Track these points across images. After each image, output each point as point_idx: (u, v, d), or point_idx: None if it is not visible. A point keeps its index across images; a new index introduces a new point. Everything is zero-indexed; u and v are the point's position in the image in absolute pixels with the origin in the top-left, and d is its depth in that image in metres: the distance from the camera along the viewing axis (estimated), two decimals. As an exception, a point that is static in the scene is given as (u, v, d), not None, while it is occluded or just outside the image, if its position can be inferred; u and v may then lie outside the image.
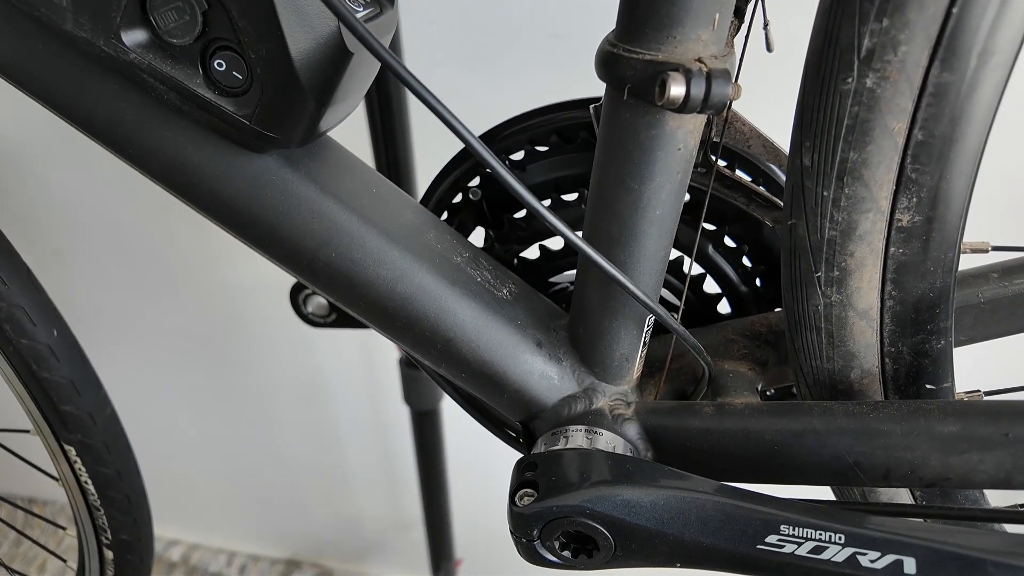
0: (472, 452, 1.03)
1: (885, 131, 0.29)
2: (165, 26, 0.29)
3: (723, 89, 0.26)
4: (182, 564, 1.37)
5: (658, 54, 0.27)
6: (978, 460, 0.32)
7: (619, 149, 0.30)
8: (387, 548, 1.34)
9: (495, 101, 0.64)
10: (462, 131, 0.26)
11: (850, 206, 0.31)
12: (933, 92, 0.28)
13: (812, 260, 0.33)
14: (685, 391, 0.41)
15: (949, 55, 0.27)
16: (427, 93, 0.25)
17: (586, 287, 0.36)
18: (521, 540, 0.34)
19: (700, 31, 0.27)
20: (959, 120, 0.29)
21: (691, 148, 0.30)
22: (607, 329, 0.36)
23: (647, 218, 0.32)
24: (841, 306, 0.34)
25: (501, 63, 0.76)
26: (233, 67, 0.30)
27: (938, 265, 0.32)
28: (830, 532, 0.29)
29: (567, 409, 0.38)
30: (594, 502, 0.31)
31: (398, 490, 1.25)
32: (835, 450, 0.33)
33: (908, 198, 0.31)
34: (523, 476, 0.34)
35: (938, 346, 0.34)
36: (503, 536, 0.35)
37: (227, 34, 0.29)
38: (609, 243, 0.33)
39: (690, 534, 0.31)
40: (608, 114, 0.30)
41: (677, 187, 0.31)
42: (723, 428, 0.35)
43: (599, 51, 0.29)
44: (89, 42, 0.30)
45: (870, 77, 0.28)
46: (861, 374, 0.36)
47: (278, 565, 1.38)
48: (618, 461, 0.34)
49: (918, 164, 0.30)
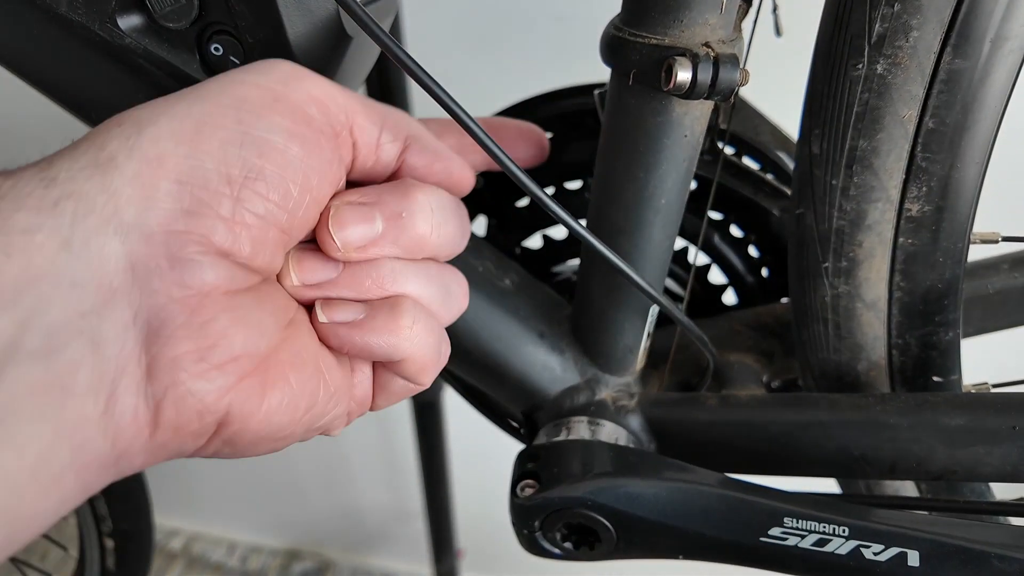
0: (474, 442, 1.03)
1: (895, 118, 0.29)
2: (161, 10, 0.29)
3: (731, 75, 0.26)
4: (183, 554, 1.38)
5: (664, 38, 0.27)
6: (985, 453, 0.31)
7: (624, 136, 0.30)
8: (388, 538, 1.34)
9: (497, 87, 0.63)
10: (463, 117, 0.25)
11: (859, 195, 0.31)
12: (945, 79, 0.28)
13: (820, 250, 0.32)
14: (689, 383, 0.41)
15: (961, 41, 0.27)
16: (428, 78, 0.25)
17: (590, 277, 0.36)
18: (522, 531, 0.33)
19: (708, 15, 0.26)
20: (971, 108, 0.28)
21: (698, 135, 0.30)
22: (611, 320, 0.36)
23: (652, 206, 0.31)
24: (849, 297, 0.33)
25: (504, 47, 0.75)
26: (230, 51, 0.29)
27: (947, 255, 0.32)
28: (834, 525, 0.29)
29: (569, 400, 0.38)
30: (596, 494, 0.31)
31: (400, 480, 1.25)
32: (841, 442, 0.33)
33: (918, 187, 0.30)
34: (525, 467, 0.34)
35: (946, 338, 0.34)
36: (505, 527, 0.35)
37: (224, 18, 0.28)
38: (613, 232, 0.33)
39: (693, 526, 0.31)
40: (613, 100, 0.30)
41: (683, 175, 0.31)
42: (727, 420, 0.35)
43: (604, 35, 0.29)
44: (84, 26, 0.30)
45: (881, 63, 0.28)
46: (868, 366, 0.35)
47: (279, 555, 1.39)
48: (621, 453, 0.34)
49: (928, 152, 0.29)
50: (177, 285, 0.21)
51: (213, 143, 0.22)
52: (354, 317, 0.25)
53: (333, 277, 0.25)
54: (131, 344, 0.20)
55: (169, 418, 0.21)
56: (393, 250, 0.26)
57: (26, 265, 0.19)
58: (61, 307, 0.19)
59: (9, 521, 0.18)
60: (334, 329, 0.25)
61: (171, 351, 0.21)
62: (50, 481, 0.19)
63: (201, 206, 0.21)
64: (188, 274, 0.21)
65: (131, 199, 0.20)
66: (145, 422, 0.21)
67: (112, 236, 0.20)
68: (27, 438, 0.18)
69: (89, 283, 0.20)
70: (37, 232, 0.19)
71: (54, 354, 0.19)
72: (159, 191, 0.21)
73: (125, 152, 0.21)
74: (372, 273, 0.25)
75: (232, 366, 0.22)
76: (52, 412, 0.19)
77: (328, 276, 0.25)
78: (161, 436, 0.21)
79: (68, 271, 0.19)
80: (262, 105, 0.23)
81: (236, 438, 0.23)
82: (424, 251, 0.27)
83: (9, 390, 0.18)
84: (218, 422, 0.22)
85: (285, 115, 0.23)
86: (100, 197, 0.20)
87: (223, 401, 0.22)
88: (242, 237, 0.22)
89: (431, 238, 0.26)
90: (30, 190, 0.20)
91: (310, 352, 0.24)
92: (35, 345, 0.19)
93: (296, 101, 0.23)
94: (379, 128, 0.26)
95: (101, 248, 0.20)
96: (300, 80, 0.24)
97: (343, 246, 0.25)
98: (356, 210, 0.25)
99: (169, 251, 0.21)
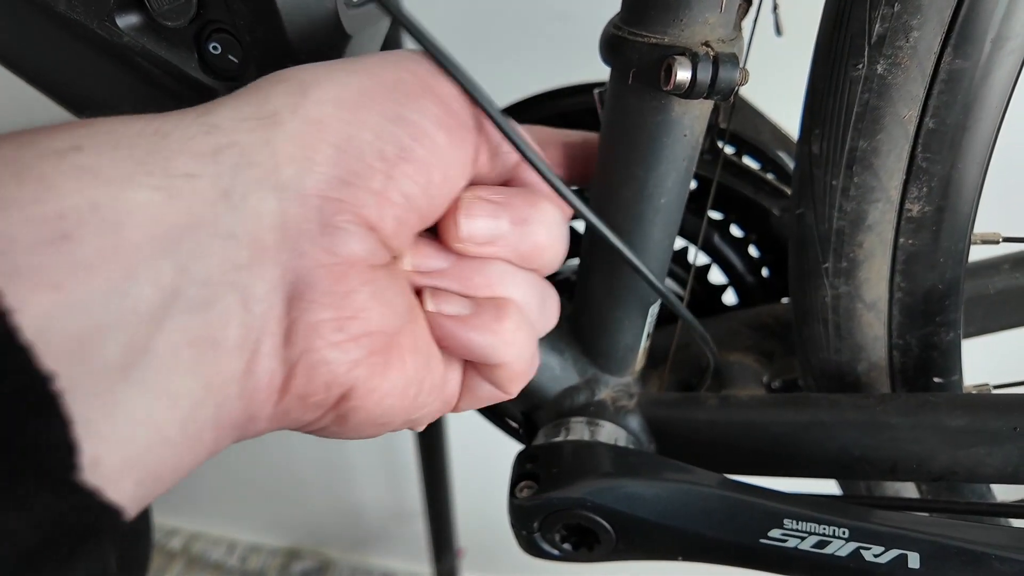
0: (474, 442, 1.03)
1: (896, 119, 0.29)
2: (159, 8, 0.29)
3: (730, 74, 0.26)
4: (182, 553, 1.38)
5: (664, 37, 0.27)
6: (986, 454, 0.31)
7: (624, 135, 0.30)
8: (388, 538, 1.34)
9: (497, 85, 0.63)
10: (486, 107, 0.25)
11: (859, 195, 0.30)
12: (945, 79, 0.28)
13: (820, 250, 0.32)
14: (689, 383, 0.40)
15: (962, 41, 0.27)
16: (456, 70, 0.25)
17: (590, 276, 0.36)
18: (521, 532, 0.33)
19: (707, 14, 0.26)
20: (971, 108, 0.28)
21: (697, 134, 0.30)
22: (610, 319, 0.36)
23: (652, 206, 0.31)
24: (849, 297, 0.33)
25: (504, 45, 0.75)
26: (229, 50, 0.29)
27: (948, 256, 0.32)
28: (834, 526, 0.29)
29: (568, 400, 0.38)
30: (595, 494, 0.31)
31: (399, 480, 1.25)
32: (841, 443, 0.33)
33: (918, 187, 0.30)
34: (523, 468, 0.34)
35: (947, 338, 0.34)
36: (505, 527, 0.35)
37: (222, 16, 0.28)
38: (613, 230, 0.33)
39: (692, 527, 0.31)
40: (612, 99, 0.30)
41: (683, 174, 0.31)
42: (727, 420, 0.35)
43: (604, 34, 0.29)
44: (83, 25, 0.29)
45: (881, 63, 0.28)
46: (868, 366, 0.35)
47: (279, 554, 1.39)
48: (620, 453, 0.34)
49: (929, 153, 0.29)
50: (326, 251, 0.21)
51: (372, 115, 0.22)
52: (460, 311, 0.25)
53: (445, 267, 0.25)
54: (276, 304, 0.20)
55: (299, 384, 0.21)
56: (509, 253, 0.26)
57: (187, 210, 0.18)
58: (218, 258, 0.19)
59: (155, 472, 0.18)
60: (440, 320, 0.25)
61: (312, 316, 0.20)
62: (195, 436, 0.19)
63: (356, 177, 0.21)
64: (338, 242, 0.21)
65: (291, 158, 0.20)
66: (277, 386, 0.21)
67: (269, 192, 0.20)
68: (182, 390, 0.18)
69: (244, 236, 0.19)
70: (200, 178, 0.19)
71: (209, 306, 0.19)
72: (319, 154, 0.21)
73: (289, 109, 0.21)
74: (483, 270, 0.25)
75: (366, 340, 0.22)
76: (205, 366, 0.19)
77: (440, 265, 0.25)
78: (287, 403, 0.21)
79: (226, 222, 0.19)
80: (416, 90, 0.23)
81: (351, 415, 0.23)
82: (536, 261, 0.27)
83: (169, 340, 0.18)
84: (341, 395, 0.22)
85: (436, 104, 0.23)
86: (262, 151, 0.20)
87: (351, 374, 0.21)
88: (388, 214, 0.22)
89: (546, 250, 0.26)
90: (193, 133, 0.19)
91: (424, 340, 0.24)
92: (192, 294, 0.18)
93: (444, 94, 0.24)
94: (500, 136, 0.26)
95: (259, 203, 0.20)
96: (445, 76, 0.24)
97: (467, 238, 0.24)
98: (486, 206, 0.25)
99: (322, 216, 0.20)
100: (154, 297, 0.18)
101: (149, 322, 0.18)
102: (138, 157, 0.18)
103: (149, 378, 0.18)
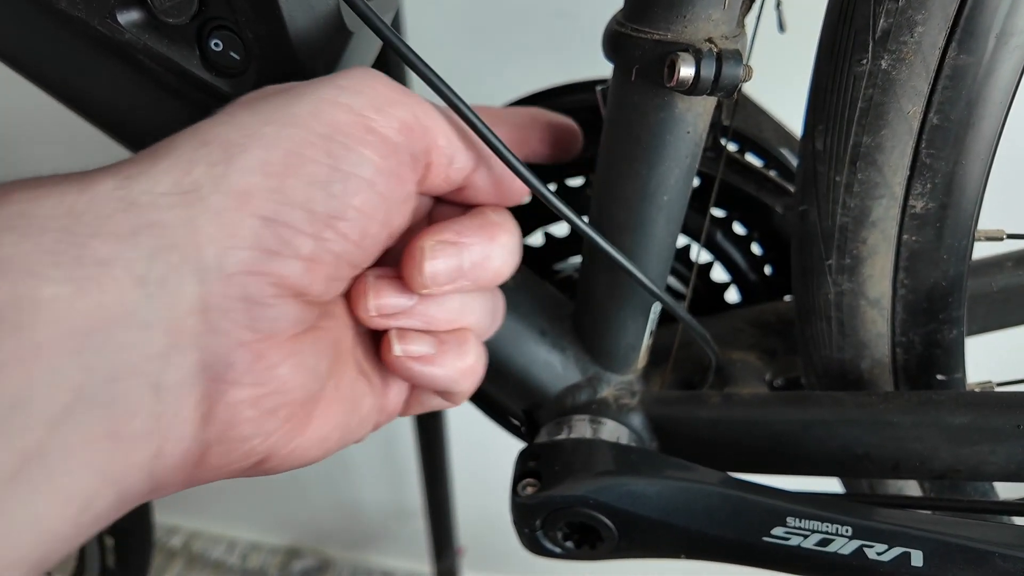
0: (475, 440, 1.03)
1: (900, 115, 0.29)
2: (161, 5, 0.29)
3: (734, 71, 0.26)
4: (183, 552, 1.38)
5: (667, 34, 0.26)
6: (989, 452, 0.31)
7: (626, 132, 0.30)
8: (388, 536, 1.34)
9: (499, 82, 0.63)
10: (465, 111, 0.25)
11: (863, 192, 0.30)
12: (950, 75, 0.27)
13: (823, 247, 0.32)
14: (692, 381, 0.40)
15: (967, 36, 0.27)
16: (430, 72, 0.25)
17: (591, 275, 0.36)
18: (523, 530, 0.33)
19: (711, 10, 0.26)
20: (976, 104, 0.28)
21: (700, 132, 0.29)
22: (612, 318, 0.36)
23: (655, 203, 0.31)
24: (852, 294, 0.33)
25: (506, 44, 0.75)
26: (230, 47, 0.29)
27: (952, 253, 0.31)
28: (837, 524, 0.29)
29: (571, 398, 0.38)
30: (598, 492, 0.31)
31: (400, 478, 1.25)
32: (844, 441, 0.33)
33: (922, 184, 0.30)
34: (526, 465, 0.33)
35: (950, 336, 0.34)
36: (506, 525, 0.35)
37: (224, 13, 0.28)
38: (615, 229, 0.32)
39: (695, 525, 0.31)
40: (615, 96, 0.30)
41: (686, 172, 0.30)
42: (730, 418, 0.35)
43: (606, 31, 0.29)
44: (84, 22, 0.29)
45: (885, 59, 0.28)
46: (871, 364, 0.35)
47: (279, 553, 1.39)
48: (622, 451, 0.34)
49: (933, 149, 0.29)
50: (248, 329, 0.20)
51: (302, 178, 0.21)
52: (426, 351, 0.25)
53: (409, 306, 0.25)
54: (192, 390, 0.19)
55: (214, 457, 0.20)
56: (470, 286, 0.26)
57: (98, 303, 0.17)
58: (129, 352, 0.18)
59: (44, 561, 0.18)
60: (406, 362, 0.25)
61: (231, 397, 0.20)
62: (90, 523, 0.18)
63: (283, 246, 0.20)
64: (261, 317, 0.20)
65: (213, 238, 0.19)
66: (191, 462, 0.20)
67: (190, 275, 0.19)
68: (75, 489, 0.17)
69: (160, 324, 0.18)
70: (114, 265, 0.18)
71: (115, 402, 0.18)
72: (243, 230, 0.20)
73: (212, 182, 0.20)
74: (445, 304, 0.25)
75: (284, 411, 0.21)
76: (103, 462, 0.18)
77: (404, 304, 0.25)
78: (200, 473, 0.21)
79: (140, 311, 0.18)
80: (353, 136, 0.22)
81: (271, 469, 0.23)
82: (492, 284, 0.27)
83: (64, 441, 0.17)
84: (258, 460, 0.22)
85: (375, 149, 0.22)
86: (181, 231, 0.19)
87: (267, 443, 0.21)
88: (318, 277, 0.21)
89: (502, 271, 0.26)
90: (109, 212, 0.18)
91: (347, 383, 0.24)
92: (97, 392, 0.17)
93: (386, 133, 0.23)
94: (453, 150, 0.25)
95: (177, 287, 0.19)
96: (392, 106, 0.23)
97: (432, 282, 0.24)
98: (447, 249, 0.25)
99: (246, 292, 0.20)
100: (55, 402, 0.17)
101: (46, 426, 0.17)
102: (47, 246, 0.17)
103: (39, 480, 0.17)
